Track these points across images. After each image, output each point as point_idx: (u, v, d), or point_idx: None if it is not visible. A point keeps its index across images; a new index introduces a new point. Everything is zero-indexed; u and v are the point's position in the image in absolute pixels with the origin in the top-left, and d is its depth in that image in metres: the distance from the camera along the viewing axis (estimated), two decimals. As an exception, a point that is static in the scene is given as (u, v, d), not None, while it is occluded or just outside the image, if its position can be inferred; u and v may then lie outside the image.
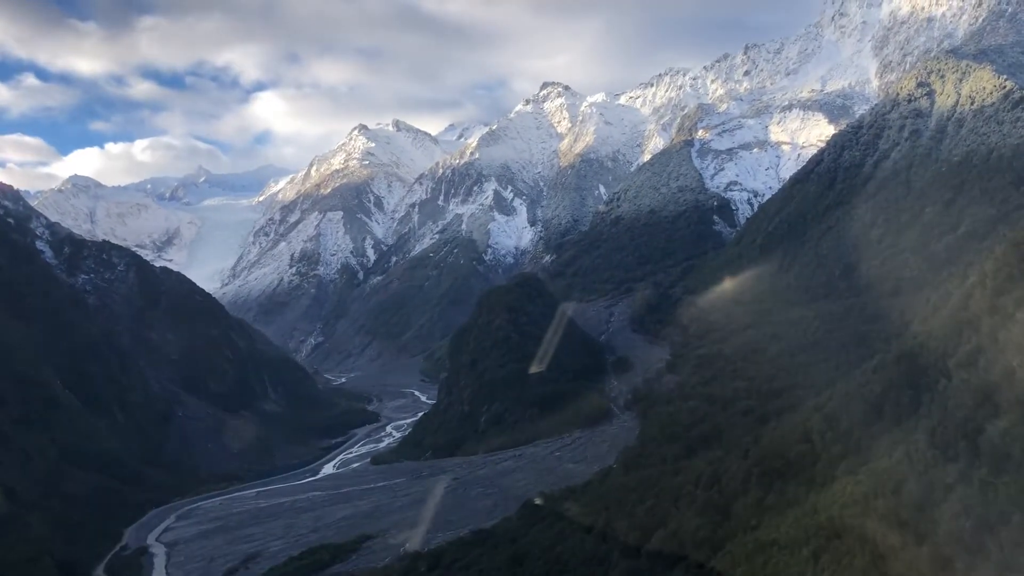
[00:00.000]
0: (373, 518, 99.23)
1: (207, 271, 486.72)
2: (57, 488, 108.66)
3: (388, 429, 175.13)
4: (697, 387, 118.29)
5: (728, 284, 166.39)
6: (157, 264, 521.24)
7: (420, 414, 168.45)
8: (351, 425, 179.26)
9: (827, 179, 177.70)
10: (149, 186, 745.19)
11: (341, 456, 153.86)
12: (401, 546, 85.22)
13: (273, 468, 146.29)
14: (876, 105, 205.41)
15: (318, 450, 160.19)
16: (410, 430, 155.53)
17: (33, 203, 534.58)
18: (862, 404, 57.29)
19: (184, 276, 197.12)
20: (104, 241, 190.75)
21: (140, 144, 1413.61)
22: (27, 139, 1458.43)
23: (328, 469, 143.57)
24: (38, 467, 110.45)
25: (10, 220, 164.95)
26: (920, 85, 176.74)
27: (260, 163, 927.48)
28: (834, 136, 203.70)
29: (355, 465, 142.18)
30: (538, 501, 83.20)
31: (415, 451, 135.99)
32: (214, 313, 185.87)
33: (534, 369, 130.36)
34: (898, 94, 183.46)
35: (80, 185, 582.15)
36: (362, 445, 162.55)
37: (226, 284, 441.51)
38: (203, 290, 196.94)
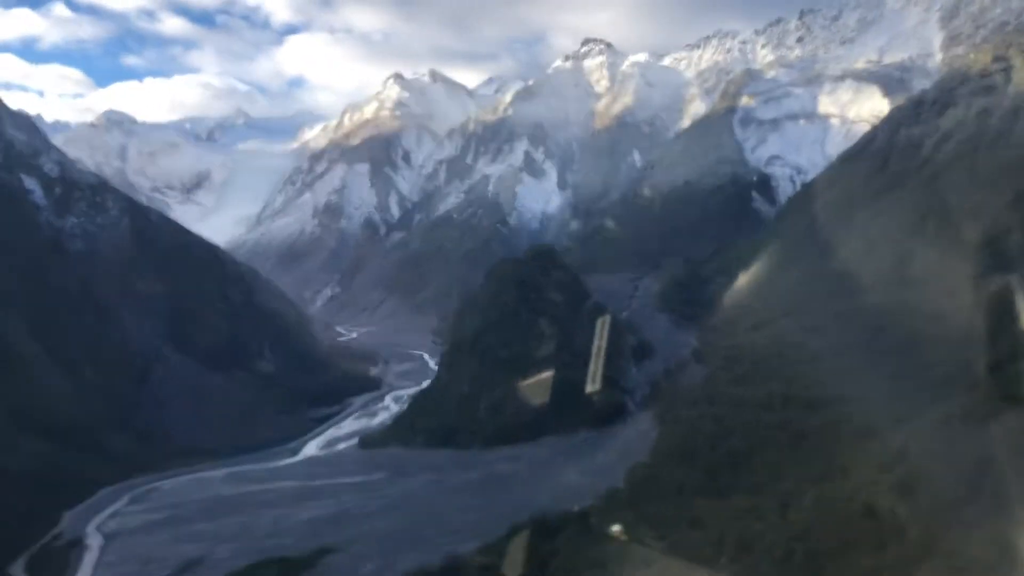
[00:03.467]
0: (339, 525, 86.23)
1: (234, 216, 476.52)
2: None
3: (387, 400, 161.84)
4: (725, 386, 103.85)
5: (765, 266, 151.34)
6: (185, 206, 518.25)
7: (424, 383, 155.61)
8: (349, 392, 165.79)
9: (880, 159, 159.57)
10: (188, 125, 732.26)
11: (330, 431, 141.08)
12: (362, 568, 72.31)
13: (254, 441, 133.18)
14: (941, 79, 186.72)
15: (308, 421, 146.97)
16: (406, 405, 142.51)
17: (65, 136, 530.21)
18: (952, 473, 42.57)
19: (179, 224, 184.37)
20: (100, 183, 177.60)
21: (180, 81, 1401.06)
22: (65, 70, 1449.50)
23: (312, 448, 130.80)
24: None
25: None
26: (996, 59, 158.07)
27: (298, 108, 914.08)
28: (891, 111, 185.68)
29: (341, 446, 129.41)
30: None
31: (406, 435, 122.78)
32: (210, 264, 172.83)
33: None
34: (968, 68, 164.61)
35: (114, 120, 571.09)
36: (355, 418, 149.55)
37: (250, 231, 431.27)
38: (202, 239, 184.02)
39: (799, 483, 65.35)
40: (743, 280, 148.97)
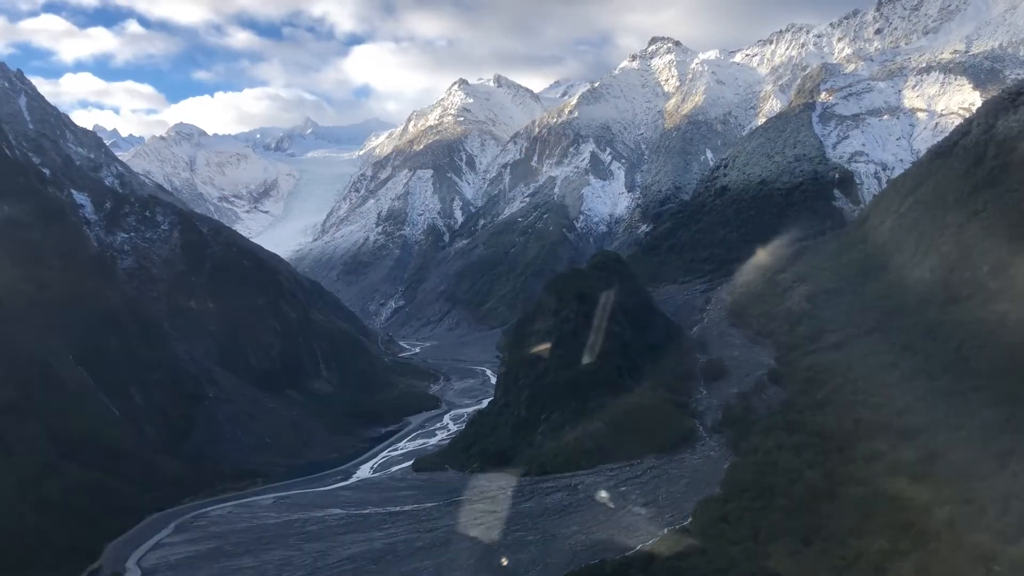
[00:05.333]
0: (383, 563, 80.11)
1: (300, 225, 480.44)
2: (37, 488, 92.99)
3: (446, 419, 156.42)
4: (805, 412, 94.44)
5: (849, 272, 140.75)
6: (252, 216, 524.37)
7: (484, 401, 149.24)
8: (407, 411, 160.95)
9: (975, 154, 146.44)
10: (258, 135, 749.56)
11: (385, 453, 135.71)
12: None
13: (307, 463, 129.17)
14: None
15: (363, 442, 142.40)
16: (463, 426, 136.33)
17: (137, 149, 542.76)
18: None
19: (235, 237, 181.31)
20: (150, 196, 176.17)
21: (249, 94, 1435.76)
22: (137, 86, 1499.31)
23: (365, 471, 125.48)
24: (18, 462, 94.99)
25: (44, 171, 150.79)
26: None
27: (365, 116, 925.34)
28: (986, 102, 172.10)
29: (395, 469, 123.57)
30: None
31: (462, 458, 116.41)
32: (264, 279, 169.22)
33: (586, 360, 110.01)
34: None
35: (184, 133, 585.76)
36: (411, 439, 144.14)
37: (316, 239, 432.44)
38: (257, 252, 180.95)
39: (895, 536, 56.62)
40: (825, 289, 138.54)
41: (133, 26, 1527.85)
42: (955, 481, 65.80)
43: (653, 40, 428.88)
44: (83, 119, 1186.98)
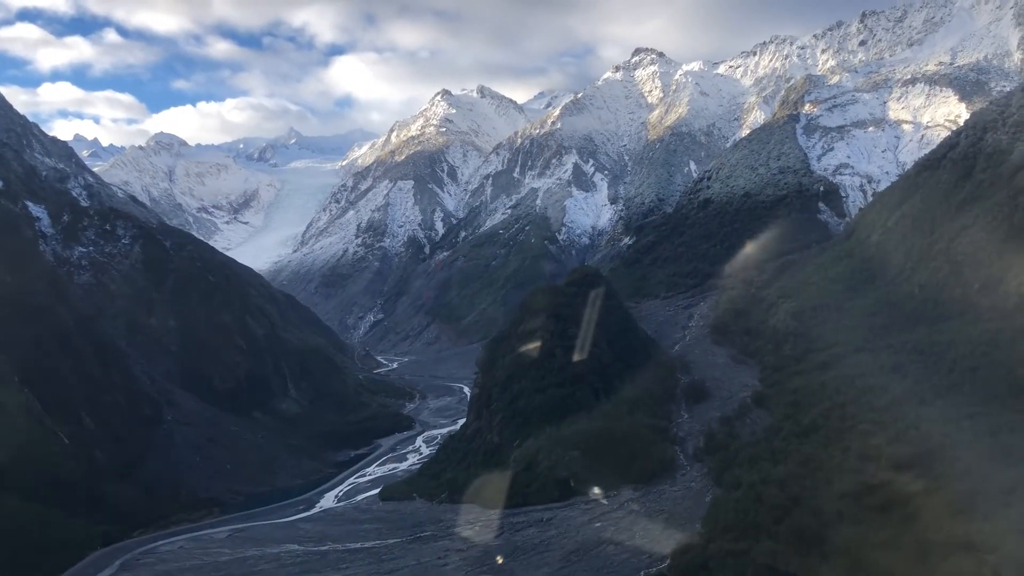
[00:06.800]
0: (336, 610, 73.90)
1: (280, 236, 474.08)
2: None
3: (418, 442, 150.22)
4: (792, 440, 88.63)
5: (835, 288, 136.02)
6: (232, 227, 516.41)
7: (459, 422, 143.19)
8: (378, 433, 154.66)
9: (963, 167, 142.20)
10: (241, 145, 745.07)
11: (352, 480, 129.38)
12: None
13: (270, 490, 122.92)
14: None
15: (331, 466, 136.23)
16: (435, 450, 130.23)
17: (115, 159, 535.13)
18: None
19: (200, 251, 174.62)
20: (109, 208, 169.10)
21: (231, 104, 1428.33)
22: (118, 95, 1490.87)
23: (329, 499, 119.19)
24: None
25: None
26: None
27: (349, 126, 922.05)
28: (973, 115, 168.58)
29: (360, 498, 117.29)
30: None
31: (431, 485, 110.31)
32: (230, 294, 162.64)
33: (576, 357, 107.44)
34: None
35: (163, 143, 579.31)
36: (381, 464, 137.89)
37: (296, 251, 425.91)
38: (224, 267, 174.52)
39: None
40: (811, 305, 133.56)
41: (111, 35, 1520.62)
42: (957, 521, 60.43)
43: (636, 51, 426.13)
44: (64, 128, 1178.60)
